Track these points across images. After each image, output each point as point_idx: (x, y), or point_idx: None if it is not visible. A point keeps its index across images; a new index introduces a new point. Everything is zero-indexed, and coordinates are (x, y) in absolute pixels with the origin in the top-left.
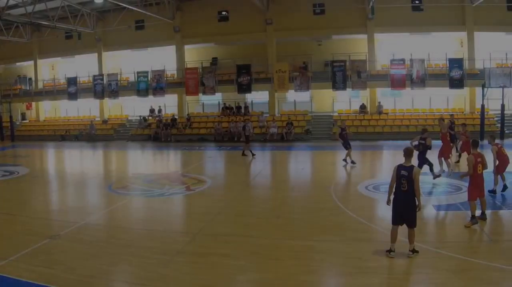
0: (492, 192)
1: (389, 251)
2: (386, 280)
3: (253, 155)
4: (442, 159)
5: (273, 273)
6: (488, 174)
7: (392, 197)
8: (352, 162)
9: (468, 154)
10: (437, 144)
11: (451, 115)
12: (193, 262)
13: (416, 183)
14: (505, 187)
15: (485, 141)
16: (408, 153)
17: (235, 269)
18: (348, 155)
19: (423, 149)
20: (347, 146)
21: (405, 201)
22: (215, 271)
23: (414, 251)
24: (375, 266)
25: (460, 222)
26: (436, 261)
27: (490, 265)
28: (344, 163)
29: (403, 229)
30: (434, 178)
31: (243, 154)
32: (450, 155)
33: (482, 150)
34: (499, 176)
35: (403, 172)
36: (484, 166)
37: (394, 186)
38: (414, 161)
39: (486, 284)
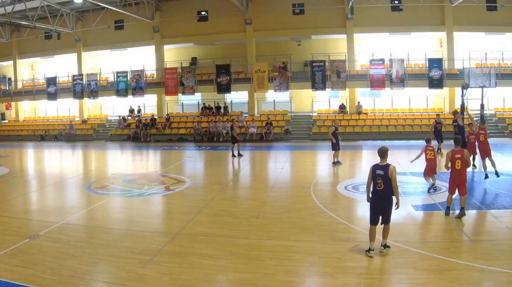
0: None
1: (368, 250)
2: (365, 280)
3: (233, 155)
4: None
5: (253, 273)
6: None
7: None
8: (338, 162)
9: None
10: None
11: (437, 115)
12: (173, 262)
13: (393, 181)
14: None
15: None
16: (382, 153)
17: (214, 269)
18: (336, 155)
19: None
20: (336, 147)
21: (381, 200)
22: (194, 271)
23: (386, 246)
24: (354, 266)
25: (440, 222)
26: (416, 261)
27: (470, 265)
28: (334, 165)
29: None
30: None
31: (234, 155)
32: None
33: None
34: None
35: (378, 171)
36: (465, 163)
37: (371, 186)
38: None
39: (466, 284)
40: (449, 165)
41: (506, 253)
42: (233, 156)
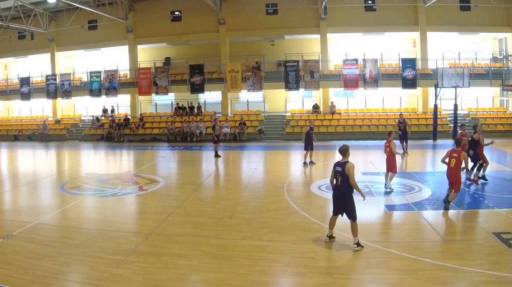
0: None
1: (328, 236)
2: (339, 280)
3: (216, 155)
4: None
5: (226, 273)
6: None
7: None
8: (311, 162)
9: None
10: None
11: (400, 114)
12: (146, 262)
13: (351, 178)
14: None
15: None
16: (341, 151)
17: (188, 269)
18: (308, 156)
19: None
20: (308, 147)
21: (339, 195)
22: (167, 271)
23: (358, 244)
24: (328, 266)
25: (413, 222)
26: (389, 261)
27: (443, 265)
28: (305, 165)
29: (361, 228)
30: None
31: (218, 155)
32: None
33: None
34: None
35: (337, 168)
36: (459, 163)
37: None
38: None
39: (440, 284)
40: (446, 160)
41: (480, 253)
42: (217, 156)
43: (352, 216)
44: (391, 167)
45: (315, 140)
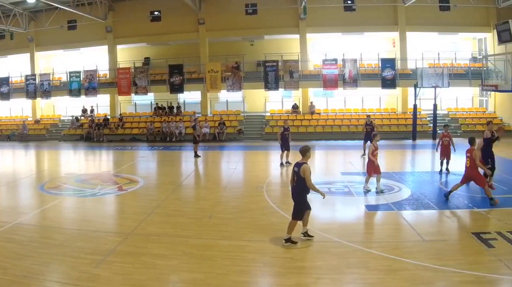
0: None
1: (302, 233)
2: (318, 280)
3: (196, 155)
4: None
5: (206, 273)
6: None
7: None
8: (288, 163)
9: (448, 158)
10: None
11: (368, 116)
12: (125, 262)
13: (307, 181)
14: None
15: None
16: (301, 151)
17: (167, 269)
18: (285, 156)
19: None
20: (283, 148)
21: (293, 193)
22: (147, 271)
23: (289, 240)
24: (307, 266)
25: (393, 222)
26: (368, 261)
27: (423, 265)
28: (281, 166)
29: (341, 228)
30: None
31: (197, 155)
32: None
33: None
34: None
35: (295, 168)
36: (472, 161)
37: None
38: None
39: (419, 284)
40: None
41: (459, 253)
42: (196, 156)
43: (295, 215)
44: (374, 169)
45: (291, 141)
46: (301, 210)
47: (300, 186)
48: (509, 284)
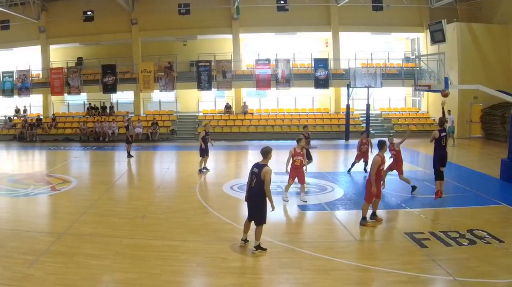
0: None
1: (243, 240)
2: (251, 280)
3: (129, 155)
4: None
5: (138, 273)
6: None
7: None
8: (205, 168)
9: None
10: None
11: (304, 127)
12: (59, 262)
13: (266, 184)
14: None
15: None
16: (262, 152)
17: (100, 269)
18: (203, 162)
19: None
20: (204, 153)
21: (252, 196)
22: (80, 271)
23: (259, 247)
24: (240, 266)
25: (326, 222)
26: (301, 261)
27: (355, 265)
28: (200, 172)
29: (274, 228)
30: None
31: (130, 155)
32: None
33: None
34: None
35: (254, 169)
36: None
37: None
38: None
39: (352, 284)
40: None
41: (392, 253)
42: (129, 156)
43: (260, 220)
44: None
45: (213, 145)
46: (264, 213)
47: (259, 188)
48: (441, 284)
